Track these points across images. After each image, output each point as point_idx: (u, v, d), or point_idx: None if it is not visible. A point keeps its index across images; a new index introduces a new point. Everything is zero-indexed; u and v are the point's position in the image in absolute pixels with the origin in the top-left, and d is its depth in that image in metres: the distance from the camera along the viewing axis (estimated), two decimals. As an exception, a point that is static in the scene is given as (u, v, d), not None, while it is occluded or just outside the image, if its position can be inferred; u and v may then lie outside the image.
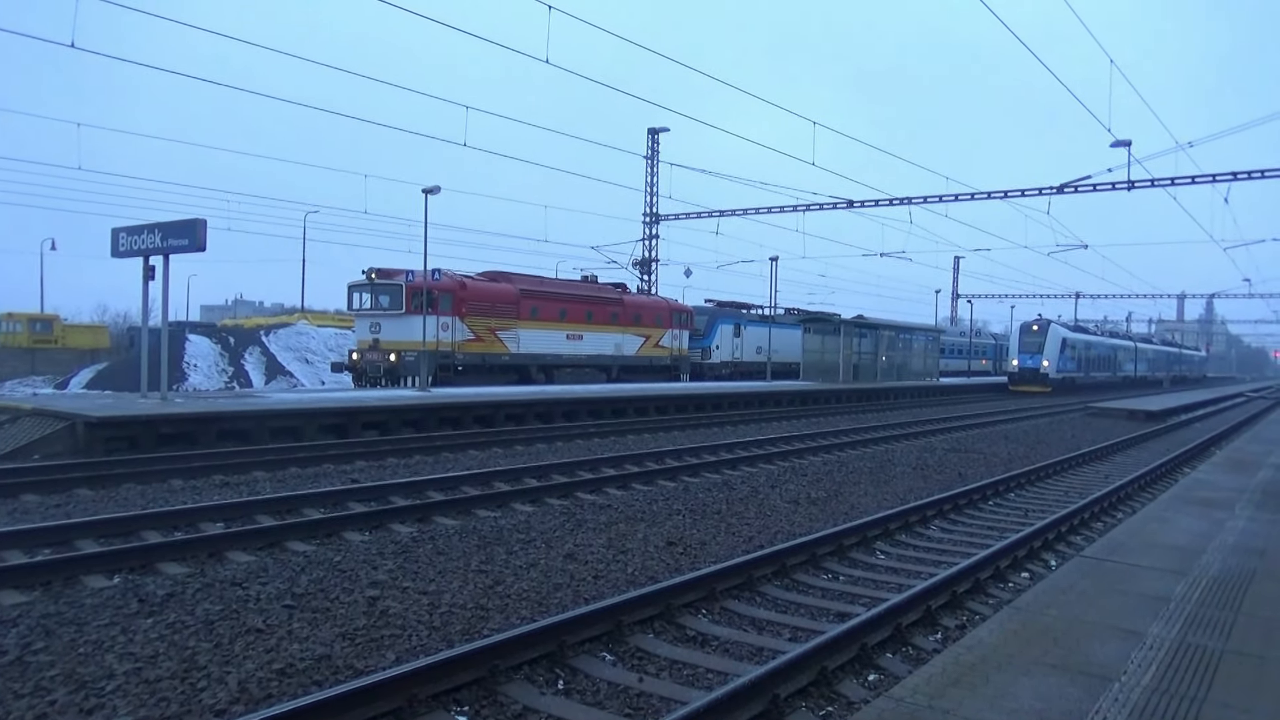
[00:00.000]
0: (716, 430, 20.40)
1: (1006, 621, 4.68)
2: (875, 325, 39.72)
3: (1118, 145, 26.83)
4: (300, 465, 12.49)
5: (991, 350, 62.39)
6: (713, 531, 9.13)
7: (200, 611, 5.93)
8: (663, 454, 14.69)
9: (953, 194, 33.83)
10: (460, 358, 25.46)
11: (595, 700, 4.82)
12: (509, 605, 6.36)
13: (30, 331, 48.71)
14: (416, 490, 10.64)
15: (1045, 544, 9.00)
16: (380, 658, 5.23)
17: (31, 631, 5.48)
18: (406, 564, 7.38)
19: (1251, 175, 29.36)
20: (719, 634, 5.96)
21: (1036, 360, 44.31)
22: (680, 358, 34.29)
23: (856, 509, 10.66)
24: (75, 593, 6.36)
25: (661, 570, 7.49)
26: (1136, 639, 4.44)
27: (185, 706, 4.44)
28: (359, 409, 16.52)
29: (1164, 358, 71.60)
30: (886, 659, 5.56)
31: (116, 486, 10.53)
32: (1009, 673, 3.91)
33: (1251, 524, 7.66)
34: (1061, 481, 13.81)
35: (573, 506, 10.23)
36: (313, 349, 46.46)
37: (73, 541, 7.78)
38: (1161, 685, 3.82)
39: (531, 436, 16.85)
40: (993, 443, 19.34)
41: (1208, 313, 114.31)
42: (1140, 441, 20.68)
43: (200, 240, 15.47)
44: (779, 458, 15.15)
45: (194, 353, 42.19)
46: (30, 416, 13.79)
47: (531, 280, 29.50)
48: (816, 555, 8.00)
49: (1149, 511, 8.38)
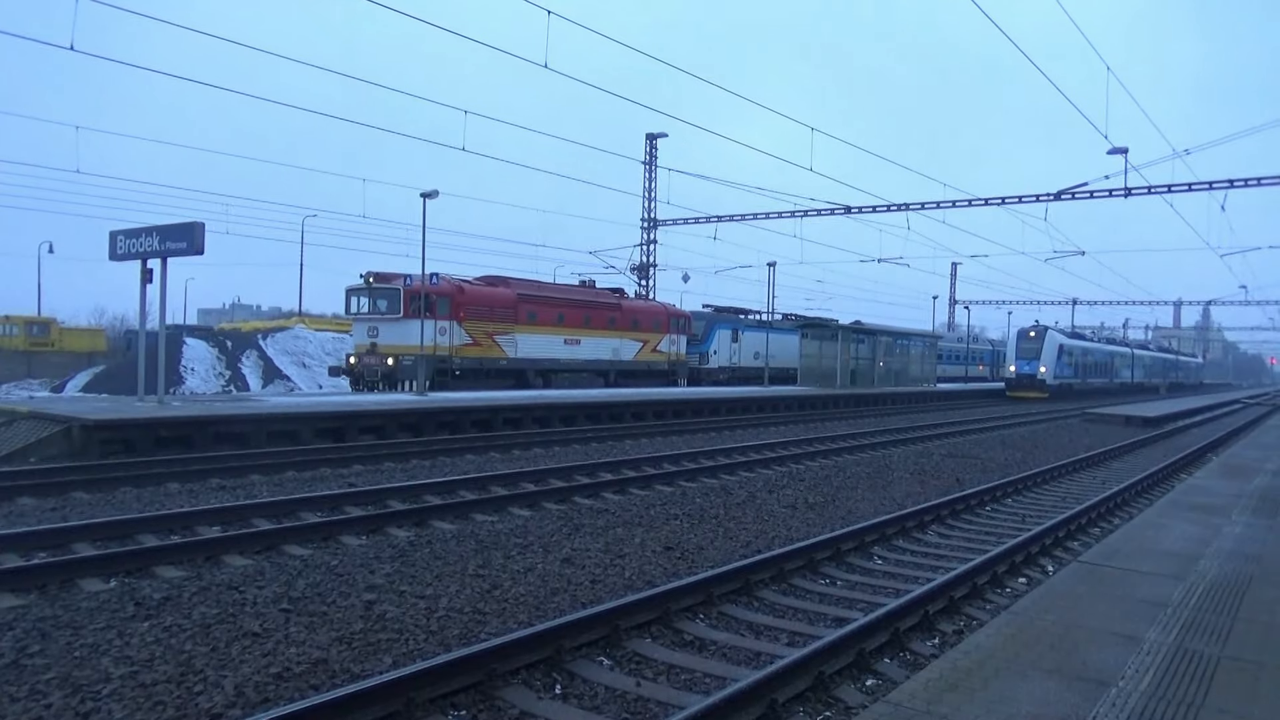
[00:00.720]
0: (714, 435, 20.40)
1: (1004, 626, 4.69)
2: (873, 331, 39.75)
3: (1115, 152, 26.92)
4: (297, 469, 12.48)
5: (989, 356, 62.45)
6: (710, 536, 9.12)
7: (197, 615, 5.92)
8: (660, 459, 14.68)
9: (950, 200, 33.94)
10: (458, 362, 25.45)
11: (593, 705, 4.81)
12: (506, 609, 6.34)
13: (27, 334, 48.65)
14: (413, 494, 10.62)
15: (1043, 549, 9.00)
16: (377, 662, 5.22)
17: (27, 635, 5.46)
18: (403, 568, 7.36)
19: (1248, 183, 29.47)
20: (716, 639, 5.95)
21: (1034, 366, 44.37)
22: (678, 363, 34.30)
23: (854, 514, 10.65)
24: (71, 596, 6.35)
25: (659, 575, 7.48)
26: (1134, 644, 4.44)
27: (181, 710, 4.43)
28: (356, 413, 16.51)
29: (1160, 364, 71.71)
30: (884, 664, 5.56)
31: (113, 490, 10.51)
32: (1006, 678, 3.91)
33: (1248, 529, 7.67)
34: (1059, 487, 13.81)
35: (570, 511, 10.22)
36: (310, 353, 46.44)
37: (69, 544, 7.76)
38: (1159, 690, 3.82)
39: (529, 441, 16.84)
40: (990, 448, 19.35)
41: (1204, 319, 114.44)
42: (1137, 447, 20.70)
43: (198, 243, 15.47)
44: (776, 463, 15.15)
45: (191, 356, 42.16)
46: (27, 419, 13.76)
47: (529, 285, 29.53)
48: (814, 560, 7.99)
49: (1146, 517, 8.39)
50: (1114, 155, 27.07)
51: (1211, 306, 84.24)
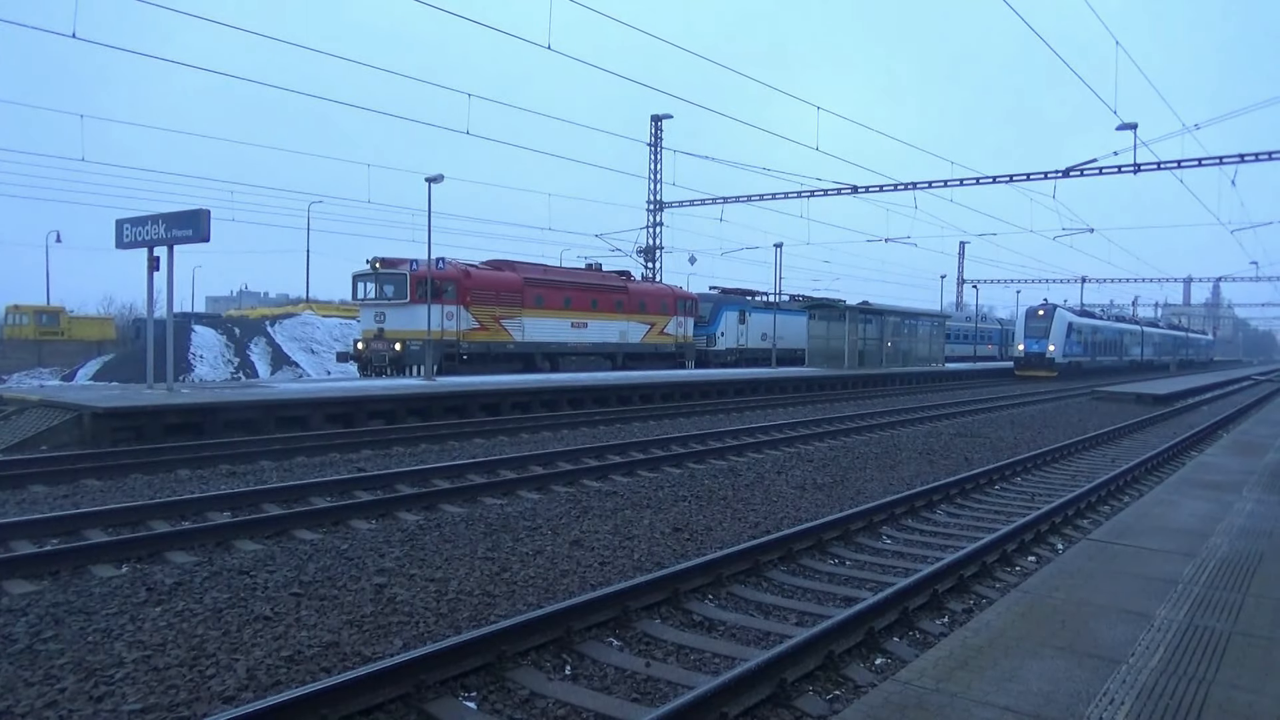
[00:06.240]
0: (722, 417, 20.40)
1: (1014, 605, 4.67)
2: (880, 311, 39.62)
3: (1124, 128, 26.61)
4: (307, 454, 12.53)
5: (997, 335, 62.19)
6: (719, 517, 9.13)
7: (208, 600, 5.96)
8: (668, 441, 14.68)
9: (958, 179, 33.68)
10: (465, 347, 25.48)
11: (603, 685, 4.83)
12: (516, 592, 6.37)
13: (36, 324, 48.84)
14: (423, 478, 10.66)
15: (1052, 528, 8.98)
16: (388, 644, 5.25)
17: (41, 620, 5.50)
18: (413, 551, 7.39)
19: (1259, 157, 29.16)
20: (726, 619, 5.96)
21: (1042, 345, 44.18)
22: (685, 345, 34.26)
23: (863, 494, 10.65)
24: (84, 582, 6.39)
25: (668, 556, 7.49)
26: (1144, 621, 4.42)
27: (194, 694, 4.46)
28: (365, 398, 16.55)
29: (1170, 342, 71.32)
30: (893, 643, 5.56)
31: (124, 477, 10.57)
32: (1016, 656, 3.90)
33: (1259, 506, 7.64)
34: (1068, 465, 13.77)
35: (578, 493, 10.24)
36: (318, 339, 46.53)
37: (81, 531, 7.81)
38: (1169, 667, 3.81)
39: (537, 425, 16.86)
40: (999, 427, 19.30)
41: (1214, 296, 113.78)
42: (1147, 425, 20.62)
43: (204, 231, 15.46)
44: (785, 444, 15.14)
45: (200, 344, 42.29)
46: (37, 408, 13.84)
47: (536, 269, 29.47)
48: (823, 540, 8.00)
49: (1156, 495, 8.35)
50: (1123, 131, 26.80)
51: (1222, 283, 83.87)
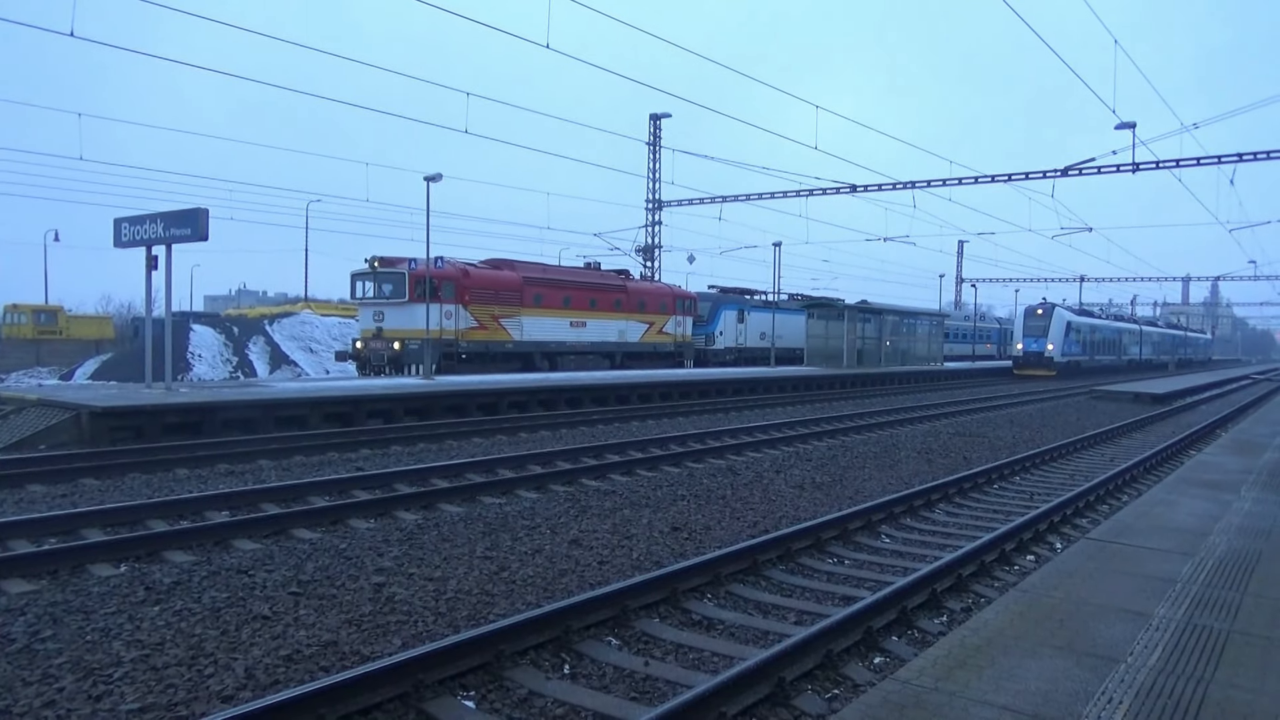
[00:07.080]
0: (720, 416, 20.40)
1: (1012, 604, 4.67)
2: (879, 310, 39.63)
3: (1122, 127, 26.65)
4: (305, 453, 12.52)
5: (996, 334, 62.25)
6: (717, 516, 9.13)
7: (207, 599, 5.95)
8: (666, 440, 14.69)
9: (956, 177, 33.72)
10: (464, 346, 25.47)
11: (601, 684, 4.83)
12: (514, 591, 6.37)
13: (35, 323, 48.81)
14: (421, 477, 10.65)
15: (1051, 527, 8.99)
16: (386, 643, 5.24)
17: (39, 620, 5.50)
18: (412, 550, 7.39)
19: (1257, 156, 29.19)
20: (724, 618, 5.96)
21: (1041, 344, 44.22)
22: (684, 344, 34.27)
23: (861, 493, 10.65)
24: (82, 581, 6.39)
25: (666, 555, 7.49)
26: (1143, 620, 4.42)
27: (192, 693, 4.46)
28: (363, 397, 16.54)
29: (1169, 341, 71.39)
30: (892, 642, 5.56)
31: (122, 476, 10.56)
32: (1015, 655, 3.90)
33: (1258, 505, 7.64)
34: (1067, 465, 13.78)
35: (577, 492, 10.24)
36: (317, 338, 46.52)
37: (79, 530, 7.80)
38: (1168, 666, 3.81)
39: (535, 424, 16.86)
40: (997, 427, 19.31)
41: (1213, 295, 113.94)
42: (1146, 424, 20.64)
43: (202, 229, 15.44)
44: (783, 443, 15.14)
45: (198, 343, 42.28)
46: (35, 407, 13.82)
47: (535, 268, 29.47)
48: (821, 539, 8.00)
49: (1155, 494, 8.35)
50: (1121, 130, 26.83)
51: (1220, 282, 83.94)
